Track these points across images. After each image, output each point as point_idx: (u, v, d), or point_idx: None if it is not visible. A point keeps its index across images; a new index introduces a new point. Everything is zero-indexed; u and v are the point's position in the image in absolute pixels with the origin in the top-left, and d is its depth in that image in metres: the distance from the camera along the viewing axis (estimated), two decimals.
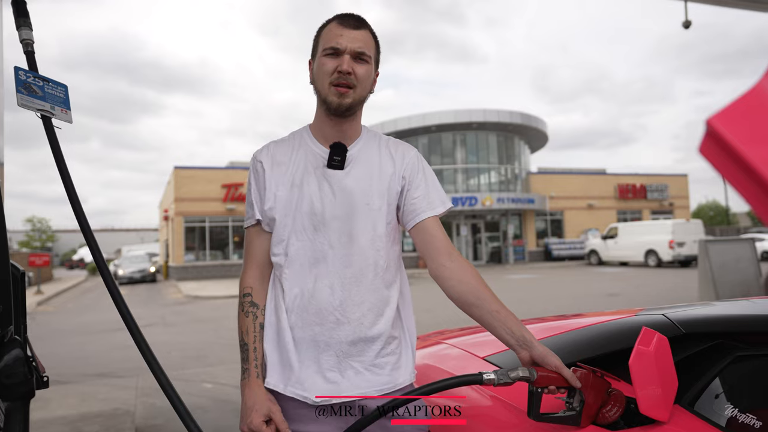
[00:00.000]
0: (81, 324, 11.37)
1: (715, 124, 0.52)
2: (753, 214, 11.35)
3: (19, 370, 1.03)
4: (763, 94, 0.53)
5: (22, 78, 1.52)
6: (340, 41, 1.32)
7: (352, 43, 1.32)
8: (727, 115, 0.52)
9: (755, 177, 0.50)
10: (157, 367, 1.31)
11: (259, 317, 1.39)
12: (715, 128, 0.52)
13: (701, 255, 9.21)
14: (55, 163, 1.52)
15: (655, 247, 21.50)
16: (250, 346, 1.36)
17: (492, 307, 1.29)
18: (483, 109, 27.75)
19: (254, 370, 1.34)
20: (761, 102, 0.53)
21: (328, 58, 1.33)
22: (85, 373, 6.36)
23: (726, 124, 0.52)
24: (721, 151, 0.52)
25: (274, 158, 1.42)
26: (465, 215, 28.19)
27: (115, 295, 1.41)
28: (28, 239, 53.59)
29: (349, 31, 1.33)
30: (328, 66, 1.33)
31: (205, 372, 6.15)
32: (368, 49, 1.35)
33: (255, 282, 1.42)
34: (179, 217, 25.32)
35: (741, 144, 0.51)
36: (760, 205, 0.52)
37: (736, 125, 0.52)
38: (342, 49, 1.32)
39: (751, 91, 0.54)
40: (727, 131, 0.51)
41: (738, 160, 0.51)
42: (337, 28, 1.34)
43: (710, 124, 0.52)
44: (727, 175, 0.53)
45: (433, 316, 8.98)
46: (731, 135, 0.51)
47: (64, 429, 4.04)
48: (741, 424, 1.23)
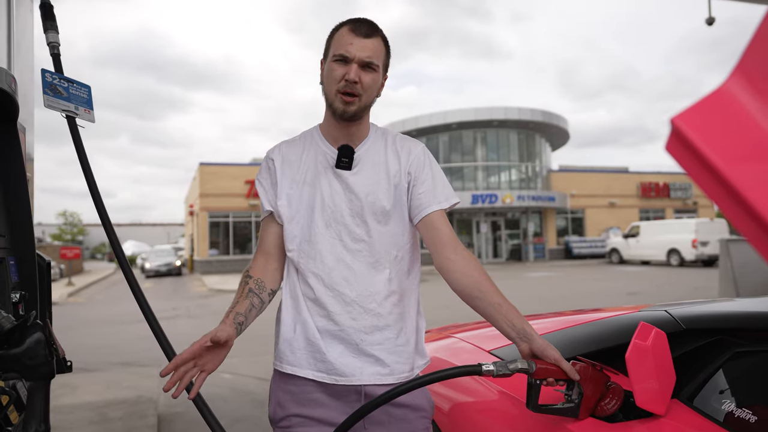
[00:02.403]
0: (108, 315, 11.66)
1: (678, 123, 0.54)
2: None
3: (40, 352, 1.10)
4: (726, 95, 0.55)
5: (48, 80, 1.60)
6: (349, 49, 1.35)
7: (361, 52, 1.35)
8: (691, 115, 0.55)
9: (717, 176, 0.53)
10: (173, 356, 1.37)
11: (249, 284, 1.41)
12: (678, 127, 0.54)
13: (722, 254, 9.03)
14: (79, 160, 1.59)
15: (678, 246, 21.09)
16: (234, 301, 1.38)
17: (494, 300, 1.32)
18: (504, 107, 27.53)
19: (230, 313, 1.33)
20: (725, 103, 0.55)
21: (337, 65, 1.36)
22: (111, 362, 6.55)
23: (689, 124, 0.54)
24: (685, 150, 0.55)
25: (285, 157, 1.47)
26: (485, 213, 28.04)
27: (135, 288, 1.48)
28: (60, 232, 54.86)
29: (359, 40, 1.36)
30: (336, 72, 1.36)
31: (225, 363, 6.16)
32: (377, 58, 1.38)
33: (257, 265, 1.46)
34: (204, 213, 25.70)
35: (703, 144, 0.53)
36: (722, 203, 0.54)
37: (699, 125, 0.54)
38: (351, 57, 1.35)
39: (716, 91, 0.56)
40: (691, 131, 0.54)
41: (701, 159, 0.54)
42: (349, 35, 1.37)
43: (674, 123, 0.55)
44: (692, 173, 0.55)
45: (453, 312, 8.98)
46: (694, 134, 0.54)
47: (90, 414, 4.18)
48: (737, 419, 1.25)
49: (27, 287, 1.50)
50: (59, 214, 57.03)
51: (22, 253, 1.53)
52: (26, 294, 1.47)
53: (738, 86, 0.55)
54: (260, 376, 5.54)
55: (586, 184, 30.81)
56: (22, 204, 1.54)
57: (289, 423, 1.39)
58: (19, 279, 1.50)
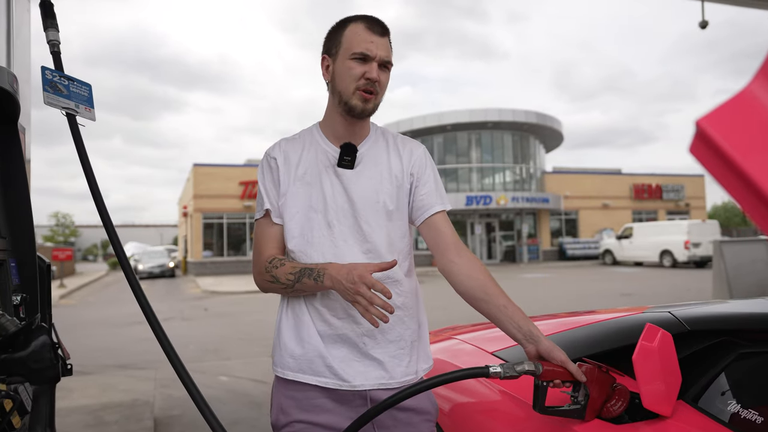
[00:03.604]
0: (102, 317, 11.58)
1: (704, 125, 0.54)
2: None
3: (46, 355, 1.08)
4: (752, 96, 0.55)
5: (49, 77, 1.58)
6: (371, 48, 1.34)
7: (381, 51, 1.35)
8: (717, 117, 0.55)
9: (744, 178, 0.53)
10: (176, 359, 1.33)
11: (287, 261, 1.39)
12: (704, 129, 0.54)
13: (716, 256, 9.10)
14: (79, 159, 1.57)
15: (671, 248, 21.25)
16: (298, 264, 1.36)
17: (500, 302, 1.31)
18: (498, 109, 27.62)
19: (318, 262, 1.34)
20: (751, 104, 0.55)
21: (357, 63, 1.35)
22: (106, 365, 6.51)
23: (715, 126, 0.54)
24: (710, 152, 0.55)
25: (286, 155, 1.45)
26: (479, 214, 28.08)
27: (136, 289, 1.46)
28: (52, 234, 54.52)
29: (378, 38, 1.35)
30: (356, 71, 1.35)
31: (222, 365, 6.25)
32: (391, 58, 1.39)
33: (275, 253, 1.43)
34: (198, 214, 25.60)
35: (729, 146, 0.53)
36: (748, 206, 0.54)
37: (725, 127, 0.54)
38: (372, 56, 1.34)
39: (740, 93, 0.56)
40: (716, 133, 0.54)
41: (727, 162, 0.53)
42: (367, 33, 1.35)
43: (699, 125, 0.55)
44: (717, 175, 0.55)
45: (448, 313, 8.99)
46: (720, 137, 0.54)
47: (86, 418, 4.14)
48: (744, 419, 1.25)
49: (28, 290, 1.48)
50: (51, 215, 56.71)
51: (22, 255, 1.51)
52: (27, 297, 1.45)
53: (762, 88, 0.55)
54: (257, 378, 5.51)
55: (580, 186, 30.96)
56: (23, 205, 1.52)
57: (293, 429, 1.37)
58: (20, 281, 1.48)
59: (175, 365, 1.31)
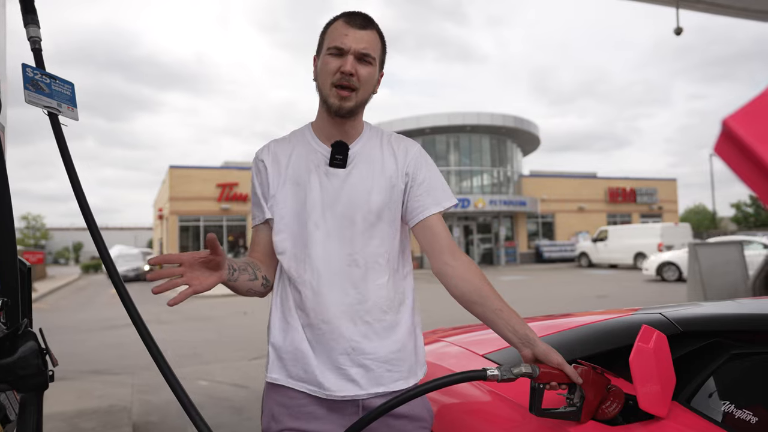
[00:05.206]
0: (75, 321, 11.29)
1: (731, 124, 0.54)
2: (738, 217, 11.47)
3: (33, 361, 1.04)
4: None
5: (30, 75, 1.52)
6: (344, 41, 1.30)
7: (356, 44, 1.30)
8: (744, 115, 0.54)
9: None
10: (163, 363, 1.29)
11: (247, 260, 1.38)
12: (731, 128, 0.54)
13: (691, 258, 9.30)
14: (62, 159, 1.52)
15: (644, 250, 21.68)
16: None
17: (495, 306, 1.30)
18: (476, 112, 27.85)
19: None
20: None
21: (332, 58, 1.31)
22: (81, 370, 6.33)
23: (743, 124, 0.54)
24: (737, 151, 0.54)
25: (275, 157, 1.41)
26: (457, 217, 28.25)
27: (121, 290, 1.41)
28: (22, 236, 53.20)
29: (354, 31, 1.31)
30: (331, 65, 1.31)
31: (201, 370, 6.14)
32: (373, 51, 1.33)
33: (257, 257, 1.43)
34: (174, 216, 25.22)
35: (758, 144, 0.53)
36: None
37: (753, 125, 0.54)
38: (346, 49, 1.30)
39: (765, 92, 0.56)
40: (744, 131, 0.53)
41: (754, 160, 0.53)
42: (343, 27, 1.32)
43: (726, 124, 0.54)
44: (742, 174, 0.55)
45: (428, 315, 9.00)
46: (748, 135, 0.53)
47: (62, 425, 4.02)
48: (737, 419, 1.26)
49: (9, 294, 1.42)
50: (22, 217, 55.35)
51: (3, 258, 1.45)
52: (8, 301, 1.40)
53: None
54: (237, 383, 5.43)
55: (556, 189, 31.40)
56: (4, 207, 1.47)
57: None
58: (0, 286, 1.42)
59: (162, 370, 1.27)
